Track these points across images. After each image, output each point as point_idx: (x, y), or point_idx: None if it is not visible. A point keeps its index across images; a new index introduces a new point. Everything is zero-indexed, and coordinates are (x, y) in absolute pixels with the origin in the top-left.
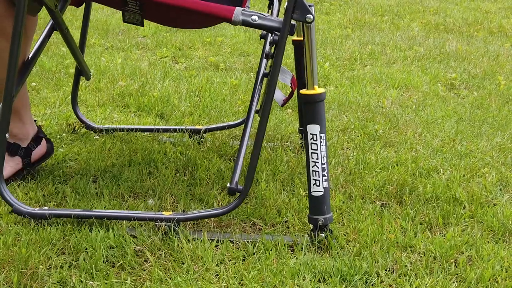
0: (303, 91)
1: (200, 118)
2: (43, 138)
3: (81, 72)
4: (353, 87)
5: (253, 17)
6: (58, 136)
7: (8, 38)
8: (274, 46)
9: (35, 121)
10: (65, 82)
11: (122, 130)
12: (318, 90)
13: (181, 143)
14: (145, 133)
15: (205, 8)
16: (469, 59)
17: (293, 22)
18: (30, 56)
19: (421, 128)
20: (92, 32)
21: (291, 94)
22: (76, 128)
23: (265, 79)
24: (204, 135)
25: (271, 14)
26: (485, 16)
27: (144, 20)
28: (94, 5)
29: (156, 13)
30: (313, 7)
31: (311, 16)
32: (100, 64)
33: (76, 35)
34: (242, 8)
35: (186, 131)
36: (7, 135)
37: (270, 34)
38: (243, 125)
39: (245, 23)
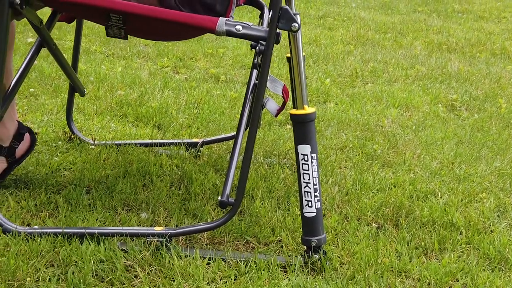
0: (292, 111)
1: (198, 130)
2: (26, 132)
3: (74, 88)
4: (353, 105)
5: (237, 26)
6: (54, 144)
7: None
8: (261, 55)
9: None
10: (64, 89)
11: (118, 145)
12: (308, 109)
13: (177, 156)
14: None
15: (188, 19)
16: (470, 80)
17: (278, 31)
18: (17, 76)
19: (420, 149)
20: (93, 39)
21: (284, 104)
22: (72, 136)
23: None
24: (201, 148)
25: (262, 24)
26: (488, 37)
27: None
28: None
29: (139, 27)
30: (298, 15)
31: (297, 25)
32: (100, 72)
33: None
34: (226, 18)
35: (183, 145)
36: None
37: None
38: None
39: (229, 33)
